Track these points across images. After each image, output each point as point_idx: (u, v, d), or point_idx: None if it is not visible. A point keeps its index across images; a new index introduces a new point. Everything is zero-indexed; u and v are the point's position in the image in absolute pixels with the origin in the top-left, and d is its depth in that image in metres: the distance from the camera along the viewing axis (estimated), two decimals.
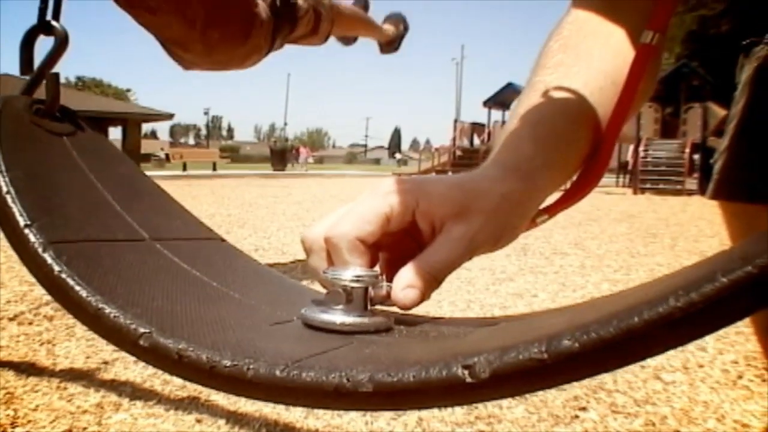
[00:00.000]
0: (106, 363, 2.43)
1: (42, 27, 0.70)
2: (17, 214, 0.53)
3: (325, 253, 0.54)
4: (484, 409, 1.98)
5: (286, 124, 53.27)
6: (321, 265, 0.54)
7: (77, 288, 0.47)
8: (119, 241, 0.59)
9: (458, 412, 1.95)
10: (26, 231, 0.52)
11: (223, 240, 0.70)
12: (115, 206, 0.64)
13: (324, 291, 0.52)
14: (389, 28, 4.52)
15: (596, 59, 0.66)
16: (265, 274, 0.67)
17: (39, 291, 3.51)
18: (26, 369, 2.35)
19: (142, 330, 0.43)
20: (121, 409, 2.00)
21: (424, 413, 1.92)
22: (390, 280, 0.53)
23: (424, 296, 0.52)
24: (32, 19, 0.71)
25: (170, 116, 41.49)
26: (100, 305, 0.46)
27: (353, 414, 1.91)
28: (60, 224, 0.55)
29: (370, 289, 0.50)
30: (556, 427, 1.89)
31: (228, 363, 0.40)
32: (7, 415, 1.92)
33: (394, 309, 0.53)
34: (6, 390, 2.12)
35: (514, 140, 0.61)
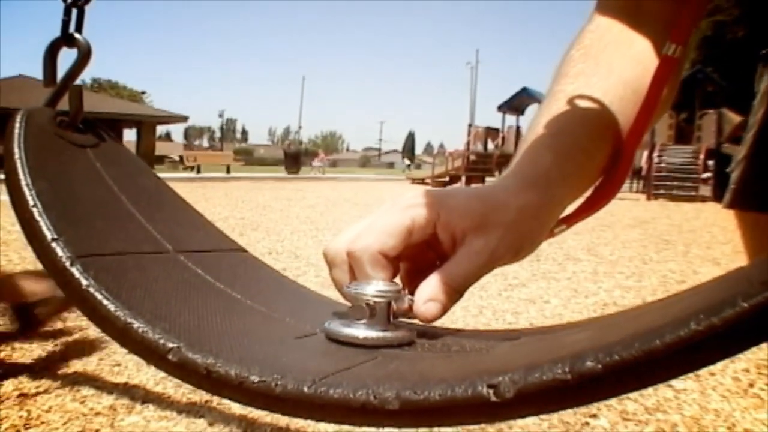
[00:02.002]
0: (119, 365, 2.44)
1: (65, 39, 0.71)
2: (44, 228, 0.53)
3: (348, 266, 0.54)
4: None
5: (300, 127, 53.46)
6: (343, 278, 0.54)
7: (105, 302, 0.48)
8: (144, 253, 0.59)
9: None
10: (53, 245, 0.52)
11: (244, 251, 0.71)
12: (139, 218, 0.64)
13: (345, 302, 0.53)
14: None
15: (617, 68, 0.65)
16: (287, 285, 0.67)
17: None
18: (40, 371, 2.36)
19: (170, 345, 0.44)
20: (134, 411, 2.01)
21: None
22: (411, 290, 0.53)
23: (446, 309, 0.52)
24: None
25: (185, 119, 41.57)
26: (129, 320, 0.46)
27: None
28: (86, 237, 0.55)
29: (392, 303, 0.51)
30: None
31: (256, 379, 0.40)
32: (21, 416, 1.93)
33: (416, 321, 0.53)
34: (20, 391, 2.14)
35: (532, 151, 0.61)
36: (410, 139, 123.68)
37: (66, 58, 0.71)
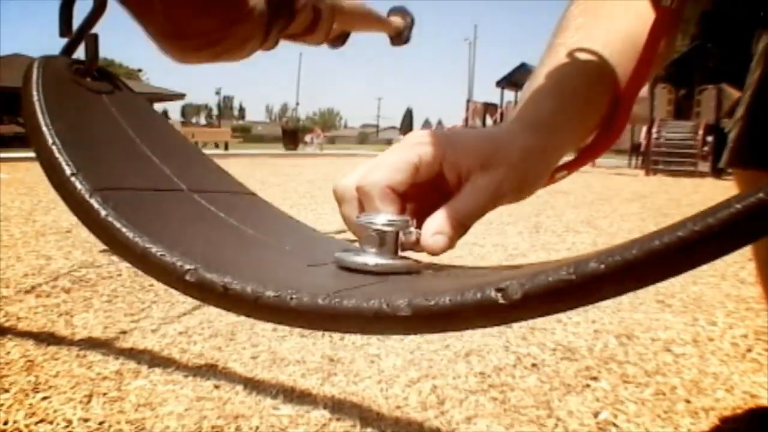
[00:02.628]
0: (124, 333, 2.47)
1: None
2: (63, 164, 0.56)
3: (357, 201, 0.56)
4: (497, 377, 2.01)
5: (297, 104, 53.26)
6: (353, 213, 0.56)
7: (124, 230, 0.50)
8: (160, 190, 0.62)
9: (471, 381, 1.98)
10: (72, 179, 0.54)
11: (255, 194, 0.73)
12: (154, 159, 0.66)
13: (353, 243, 0.55)
14: (396, 19, 4.36)
15: (617, 21, 0.67)
16: (296, 224, 0.70)
17: (56, 265, 3.55)
18: (45, 339, 2.38)
19: (188, 266, 0.46)
20: (140, 376, 2.03)
21: (438, 381, 1.95)
22: (418, 228, 0.55)
23: (453, 242, 0.54)
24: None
25: (182, 96, 41.36)
26: (147, 245, 0.48)
27: (369, 381, 1.94)
28: (104, 174, 0.57)
29: (400, 234, 0.53)
30: (568, 396, 1.92)
31: (272, 294, 0.42)
32: (29, 381, 1.96)
33: (423, 256, 0.55)
34: (27, 358, 2.16)
35: (535, 98, 0.63)
36: (408, 115, 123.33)
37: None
